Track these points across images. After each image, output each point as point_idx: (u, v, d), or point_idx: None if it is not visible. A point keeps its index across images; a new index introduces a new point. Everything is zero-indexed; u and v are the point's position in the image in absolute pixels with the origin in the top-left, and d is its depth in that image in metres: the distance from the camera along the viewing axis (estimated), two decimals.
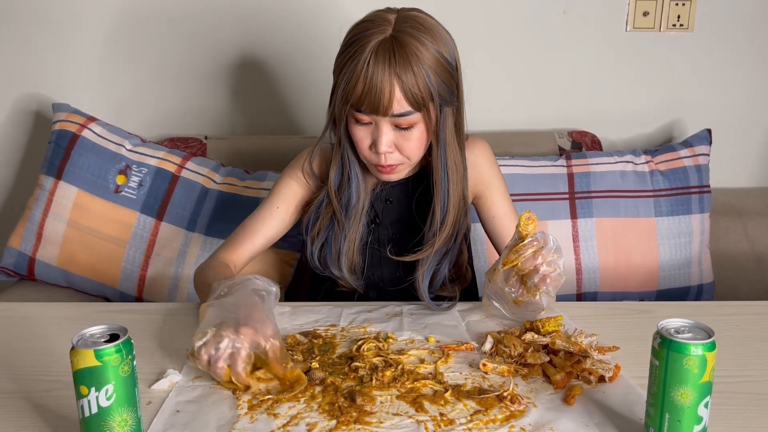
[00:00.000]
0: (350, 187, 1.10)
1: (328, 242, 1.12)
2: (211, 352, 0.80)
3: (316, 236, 1.12)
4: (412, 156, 1.05)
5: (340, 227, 1.11)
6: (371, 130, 1.02)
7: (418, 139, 1.03)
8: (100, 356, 0.64)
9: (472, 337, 0.96)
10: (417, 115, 1.00)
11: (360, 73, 0.97)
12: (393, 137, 1.02)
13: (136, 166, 1.48)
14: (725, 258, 1.63)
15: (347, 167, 1.10)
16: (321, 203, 1.12)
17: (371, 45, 0.97)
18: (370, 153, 1.04)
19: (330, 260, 1.12)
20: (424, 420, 0.75)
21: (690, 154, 1.56)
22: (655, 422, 0.65)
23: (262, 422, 0.75)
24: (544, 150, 1.67)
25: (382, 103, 0.98)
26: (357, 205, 1.11)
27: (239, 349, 0.80)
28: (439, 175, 1.07)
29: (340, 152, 1.10)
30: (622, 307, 1.08)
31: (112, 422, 0.65)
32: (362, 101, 0.98)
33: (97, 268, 1.44)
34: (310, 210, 1.13)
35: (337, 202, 1.10)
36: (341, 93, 1.00)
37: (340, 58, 1.01)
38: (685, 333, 0.65)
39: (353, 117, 1.02)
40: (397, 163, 1.05)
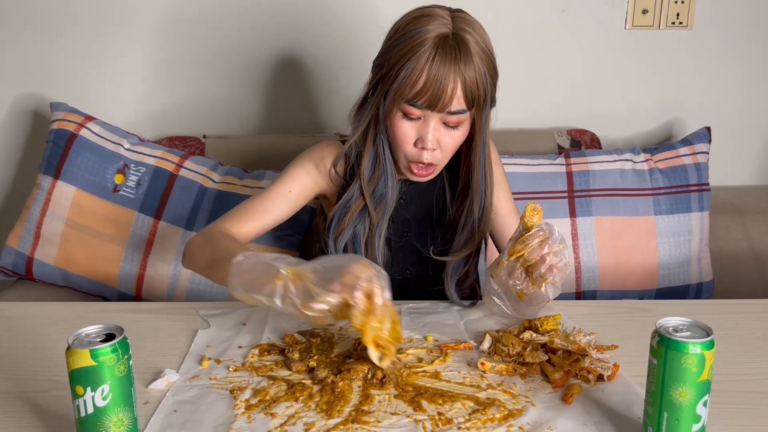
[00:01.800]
0: (385, 182, 1.09)
1: (356, 236, 1.10)
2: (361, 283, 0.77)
3: (341, 232, 1.10)
4: (448, 156, 1.06)
5: (373, 220, 1.10)
6: (418, 126, 1.02)
7: (460, 137, 1.04)
8: (95, 356, 0.63)
9: (470, 336, 0.96)
10: (467, 114, 1.01)
11: (423, 68, 0.96)
12: (439, 134, 1.02)
13: (135, 165, 1.48)
14: (725, 256, 1.62)
15: (382, 161, 1.09)
16: (350, 198, 1.10)
17: (433, 40, 0.96)
18: (413, 149, 1.04)
19: (360, 253, 1.10)
20: (422, 419, 0.75)
21: (689, 152, 1.55)
22: (654, 421, 0.65)
23: (260, 422, 0.75)
24: (543, 148, 1.67)
25: (443, 99, 0.98)
26: (390, 197, 1.10)
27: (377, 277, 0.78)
28: (478, 174, 1.08)
29: (374, 146, 1.08)
30: (620, 305, 1.08)
31: (108, 422, 0.65)
32: (421, 95, 0.98)
33: (95, 268, 1.44)
34: (335, 207, 1.11)
35: (369, 195, 1.09)
36: (396, 86, 0.99)
37: (394, 50, 1.00)
38: (684, 331, 0.64)
39: (402, 111, 1.02)
40: (436, 162, 1.05)
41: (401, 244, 1.15)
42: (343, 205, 1.10)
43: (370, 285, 0.78)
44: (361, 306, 0.78)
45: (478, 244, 1.12)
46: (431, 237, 1.15)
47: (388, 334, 0.80)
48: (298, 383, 0.82)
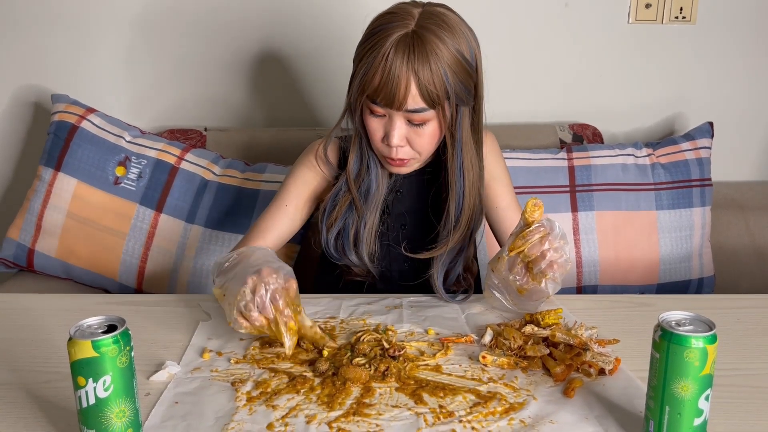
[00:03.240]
0: (369, 176, 1.10)
1: (345, 229, 1.11)
2: (256, 303, 0.86)
3: (332, 224, 1.11)
4: (422, 152, 1.05)
5: (359, 214, 1.10)
6: (384, 123, 1.02)
7: (430, 135, 1.03)
8: (97, 347, 0.63)
9: (471, 330, 0.96)
10: (431, 113, 1.00)
11: (378, 65, 0.97)
12: (405, 132, 1.02)
13: (136, 158, 1.48)
14: (726, 252, 1.62)
15: (366, 157, 1.10)
16: (339, 191, 1.11)
17: (392, 38, 0.96)
18: (382, 145, 1.04)
19: (347, 246, 1.11)
20: (423, 412, 0.75)
21: (691, 147, 1.55)
22: (656, 415, 0.65)
23: (261, 414, 0.75)
24: (545, 143, 1.66)
25: (397, 97, 0.97)
26: (376, 193, 1.11)
27: (273, 288, 0.87)
28: (454, 175, 1.07)
29: (359, 141, 1.09)
30: (622, 300, 1.08)
31: (109, 413, 0.65)
32: (378, 93, 0.98)
33: (96, 260, 1.44)
34: (327, 198, 1.12)
35: (356, 189, 1.10)
36: (358, 83, 1.00)
37: (361, 47, 1.01)
38: (686, 326, 0.64)
39: (368, 108, 1.02)
40: (408, 157, 1.05)
41: (398, 237, 1.15)
42: (332, 197, 1.11)
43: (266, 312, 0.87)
44: (250, 330, 0.87)
45: (456, 241, 1.09)
46: (428, 230, 1.14)
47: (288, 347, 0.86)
48: (300, 376, 0.82)
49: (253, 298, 0.87)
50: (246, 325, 0.87)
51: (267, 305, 0.87)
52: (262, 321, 0.86)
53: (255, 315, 0.87)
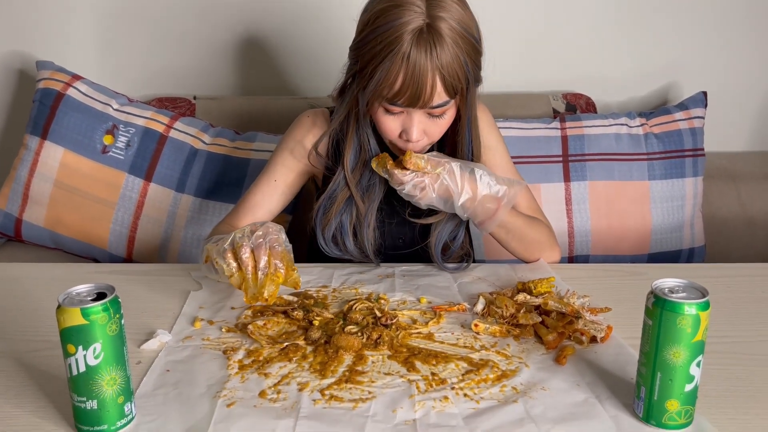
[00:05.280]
0: (369, 169, 1.06)
1: (343, 226, 1.08)
2: (251, 241, 0.89)
3: (329, 221, 1.08)
4: (437, 138, 1.03)
5: (361, 210, 1.07)
6: (402, 119, 0.99)
7: (446, 123, 1.02)
8: (86, 315, 0.62)
9: (464, 298, 0.96)
10: (451, 102, 0.98)
11: (399, 67, 0.92)
12: (424, 125, 0.99)
13: (124, 126, 1.45)
14: (717, 222, 1.63)
15: (366, 150, 1.06)
16: (335, 189, 1.07)
17: (407, 35, 0.90)
18: (399, 140, 1.01)
19: (348, 241, 1.08)
20: (415, 379, 0.75)
21: (685, 117, 1.54)
22: (647, 381, 0.65)
23: (253, 382, 0.75)
24: (538, 112, 1.65)
25: (423, 97, 0.94)
26: (378, 187, 1.07)
27: (273, 238, 0.90)
28: (464, 151, 1.05)
29: (357, 136, 1.05)
30: (614, 269, 1.08)
31: (100, 381, 0.64)
32: (400, 95, 0.94)
33: (85, 229, 1.42)
34: (321, 198, 1.08)
35: (355, 185, 1.07)
36: (373, 86, 0.95)
37: (368, 46, 0.94)
38: (679, 292, 0.64)
39: (383, 107, 0.98)
40: (423, 146, 1.03)
41: (391, 213, 1.13)
42: (328, 195, 1.08)
43: (259, 251, 0.88)
44: (233, 269, 0.89)
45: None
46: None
47: (268, 294, 0.87)
48: (292, 344, 0.82)
49: (251, 237, 0.89)
50: (228, 262, 0.88)
51: (262, 246, 0.88)
52: (249, 263, 0.87)
53: (246, 254, 0.88)
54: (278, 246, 0.90)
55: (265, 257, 0.88)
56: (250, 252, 0.88)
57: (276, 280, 0.88)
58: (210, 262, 0.94)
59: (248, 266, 0.87)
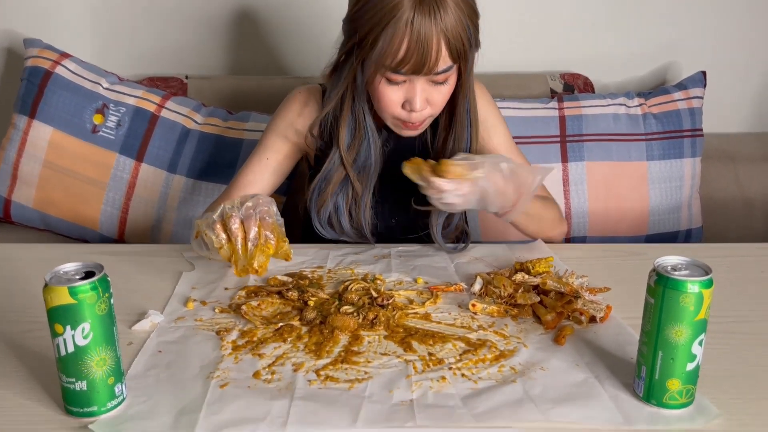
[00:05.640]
0: (365, 148, 1.04)
1: (339, 207, 1.06)
2: (241, 213, 0.88)
3: (324, 203, 1.06)
4: (440, 109, 1.01)
5: (357, 190, 1.05)
6: (405, 89, 0.97)
7: (449, 91, 0.99)
8: (74, 293, 0.61)
9: (461, 279, 0.94)
10: (454, 68, 0.96)
11: (403, 34, 0.89)
12: (427, 93, 0.97)
13: (114, 106, 1.42)
14: (715, 203, 1.61)
15: (362, 127, 1.03)
16: (330, 169, 1.05)
17: (409, 1, 0.88)
18: (401, 111, 0.99)
19: (344, 223, 1.06)
20: (412, 359, 0.74)
21: (684, 97, 1.53)
22: (648, 360, 0.64)
23: (247, 362, 0.74)
24: (535, 92, 1.63)
25: (428, 63, 0.91)
26: (374, 166, 1.05)
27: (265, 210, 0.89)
28: (463, 120, 1.03)
29: (353, 113, 1.03)
30: (613, 249, 1.07)
31: (89, 361, 0.62)
32: (404, 62, 0.92)
33: (75, 210, 1.40)
34: (315, 179, 1.06)
35: (351, 164, 1.04)
36: (376, 56, 0.92)
37: (367, 15, 0.92)
38: (682, 270, 0.63)
39: (385, 77, 0.95)
40: (426, 117, 1.01)
41: (384, 194, 1.12)
42: (323, 176, 1.05)
43: (249, 222, 0.87)
44: (222, 241, 0.87)
45: None
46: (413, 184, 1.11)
47: (258, 266, 0.87)
48: (286, 325, 0.81)
49: (241, 208, 0.88)
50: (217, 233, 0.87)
51: (252, 217, 0.87)
52: (239, 234, 0.86)
53: (235, 225, 0.86)
54: (269, 217, 0.88)
55: (255, 228, 0.87)
56: (239, 223, 0.87)
57: (266, 251, 0.87)
58: (200, 238, 0.92)
59: (238, 237, 0.86)
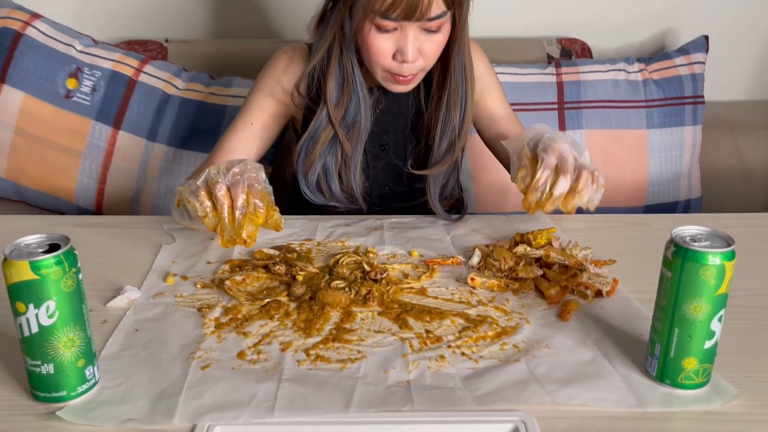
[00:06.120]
0: (354, 104, 0.98)
1: (328, 168, 1.01)
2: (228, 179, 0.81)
3: (311, 165, 1.00)
4: (433, 60, 0.96)
5: (347, 150, 0.99)
6: (396, 38, 0.91)
7: (442, 41, 0.94)
8: (36, 268, 0.55)
9: (458, 251, 0.89)
10: (447, 15, 0.90)
11: None
12: (419, 42, 0.91)
13: (89, 69, 1.35)
14: (714, 173, 1.57)
15: (350, 82, 0.97)
16: (317, 127, 0.99)
17: None
18: (392, 62, 0.93)
19: (334, 186, 1.01)
20: (408, 337, 0.69)
21: (686, 62, 1.47)
22: (663, 338, 0.60)
23: (231, 341, 0.68)
24: (531, 58, 1.57)
25: (421, 8, 0.86)
26: (363, 123, 0.99)
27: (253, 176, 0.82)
28: (458, 76, 0.98)
29: (340, 66, 0.97)
30: (615, 219, 1.02)
31: (56, 342, 0.57)
32: (394, 7, 0.86)
33: (50, 181, 1.33)
34: (302, 139, 1.01)
35: (339, 122, 0.99)
36: (364, 0, 0.87)
37: None
38: (702, 241, 0.58)
39: (374, 25, 0.90)
40: (418, 70, 0.95)
41: (376, 155, 1.06)
42: (310, 135, 1.00)
43: (236, 188, 0.80)
44: (207, 209, 0.80)
45: (458, 153, 1.03)
46: (409, 148, 1.06)
47: (247, 236, 0.80)
48: (273, 301, 0.75)
49: (227, 174, 0.81)
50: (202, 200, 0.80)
51: (240, 183, 0.81)
52: (225, 201, 0.80)
53: (221, 191, 0.80)
54: (257, 184, 0.82)
55: (243, 195, 0.81)
56: (226, 190, 0.81)
57: (255, 221, 0.81)
58: (182, 206, 0.86)
59: (224, 205, 0.80)
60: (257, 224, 0.81)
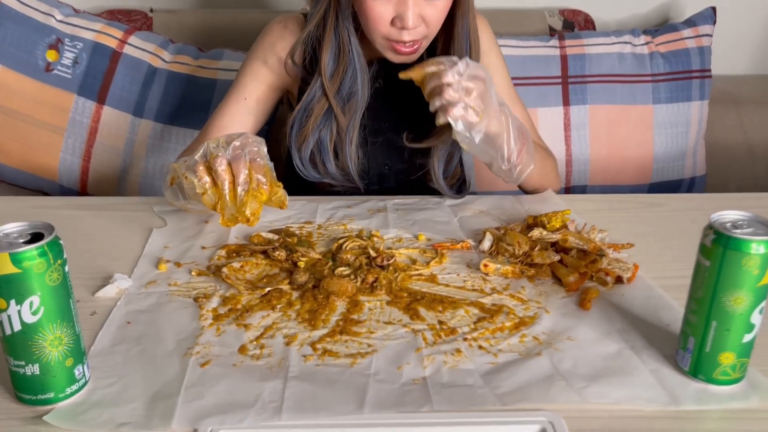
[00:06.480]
0: (351, 75, 0.93)
1: (322, 142, 0.95)
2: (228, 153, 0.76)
3: (305, 139, 0.95)
4: (436, 28, 0.90)
5: (342, 124, 0.94)
6: (395, 3, 0.85)
7: (445, 7, 0.88)
8: (18, 261, 0.50)
9: (467, 235, 0.85)
10: None
11: None
12: (420, 8, 0.86)
13: (69, 40, 1.27)
14: (718, 149, 1.53)
15: (347, 52, 0.92)
16: (311, 99, 0.94)
17: None
18: (391, 29, 0.87)
19: (328, 162, 0.96)
20: (421, 329, 0.65)
21: (693, 35, 1.42)
22: (698, 331, 0.56)
23: (231, 335, 0.64)
24: (532, 30, 1.51)
25: None
26: (360, 96, 0.94)
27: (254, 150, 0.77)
28: (462, 45, 0.93)
29: (336, 35, 0.91)
30: (628, 200, 0.98)
31: (41, 341, 0.52)
32: None
33: (31, 159, 1.26)
34: (294, 112, 0.95)
35: (334, 94, 0.93)
36: None
37: None
38: (744, 228, 0.54)
39: None
40: (421, 38, 0.89)
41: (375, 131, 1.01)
42: (303, 107, 0.94)
43: (237, 163, 0.75)
44: (206, 185, 0.75)
45: None
46: (409, 123, 1.01)
47: (250, 213, 0.76)
48: (275, 290, 0.71)
49: (227, 148, 0.76)
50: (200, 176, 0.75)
51: (241, 158, 0.75)
52: (226, 177, 0.74)
53: (222, 166, 0.74)
54: (260, 159, 0.77)
55: (245, 170, 0.75)
56: (226, 164, 0.75)
57: (259, 197, 0.76)
58: (175, 185, 0.80)
59: (225, 181, 0.75)
60: (261, 201, 0.76)
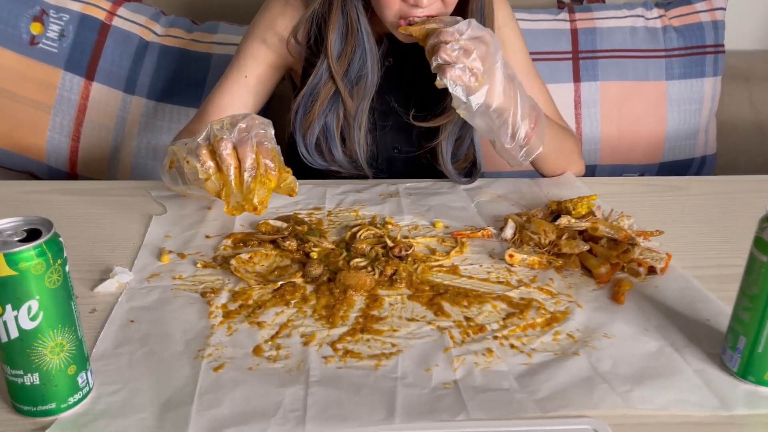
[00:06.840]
0: (360, 56, 0.87)
1: (328, 128, 0.90)
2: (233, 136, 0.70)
3: (310, 125, 0.89)
4: (452, 5, 0.83)
5: (350, 108, 0.89)
6: None
7: None
8: (13, 262, 0.45)
9: (486, 222, 0.81)
10: None
11: None
12: None
13: (55, 12, 1.20)
14: (727, 127, 1.49)
15: (355, 31, 0.86)
16: (317, 82, 0.88)
17: None
18: (403, 5, 0.81)
19: (335, 149, 0.90)
20: (447, 326, 0.61)
21: (707, 8, 1.37)
22: (750, 330, 0.52)
23: (244, 334, 0.59)
24: (539, 2, 1.45)
25: None
26: (370, 78, 0.88)
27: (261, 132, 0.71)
28: (476, 19, 0.86)
29: (343, 13, 0.86)
30: (651, 182, 0.94)
31: (41, 348, 0.47)
32: None
33: (16, 138, 1.20)
34: (299, 96, 0.90)
35: (341, 77, 0.88)
36: None
37: None
38: None
39: None
40: (436, 13, 0.82)
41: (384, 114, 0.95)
42: (308, 91, 0.89)
43: (243, 147, 0.69)
44: (209, 170, 0.70)
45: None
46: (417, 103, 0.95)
47: (258, 201, 0.70)
48: (288, 283, 0.66)
49: (233, 131, 0.70)
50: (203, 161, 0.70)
51: (248, 141, 0.70)
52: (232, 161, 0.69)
53: (227, 150, 0.69)
54: (267, 142, 0.71)
55: (252, 155, 0.70)
56: (232, 148, 0.70)
57: (268, 184, 0.70)
58: (175, 168, 0.75)
59: (230, 166, 0.69)
60: (269, 188, 0.71)
